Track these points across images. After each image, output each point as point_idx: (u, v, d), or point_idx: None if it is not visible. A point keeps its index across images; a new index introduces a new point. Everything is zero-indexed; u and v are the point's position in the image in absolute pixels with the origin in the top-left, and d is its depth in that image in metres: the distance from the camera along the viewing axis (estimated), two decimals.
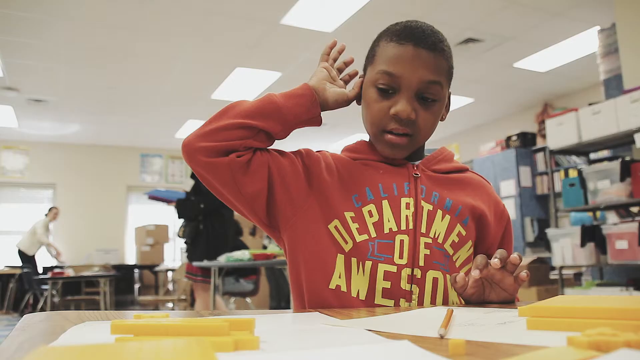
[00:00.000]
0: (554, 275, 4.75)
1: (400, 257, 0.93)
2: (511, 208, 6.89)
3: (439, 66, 0.95)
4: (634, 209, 4.12)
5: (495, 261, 0.80)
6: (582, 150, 4.20)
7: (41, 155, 8.99)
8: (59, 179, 9.07)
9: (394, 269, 0.92)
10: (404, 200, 0.96)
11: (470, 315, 0.69)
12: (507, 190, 6.96)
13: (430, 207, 0.97)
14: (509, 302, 0.86)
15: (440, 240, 0.96)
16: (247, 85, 6.48)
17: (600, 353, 0.37)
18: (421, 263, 0.93)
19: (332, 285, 0.94)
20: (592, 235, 3.70)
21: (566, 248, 3.89)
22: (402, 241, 0.93)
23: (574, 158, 6.32)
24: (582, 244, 3.72)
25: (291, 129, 0.97)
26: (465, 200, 1.00)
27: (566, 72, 6.34)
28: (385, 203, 0.96)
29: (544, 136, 7.10)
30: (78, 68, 5.82)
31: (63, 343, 0.53)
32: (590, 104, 3.89)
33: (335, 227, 0.96)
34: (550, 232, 4.09)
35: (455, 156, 1.12)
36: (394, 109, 0.94)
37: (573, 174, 3.95)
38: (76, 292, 7.87)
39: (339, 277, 0.94)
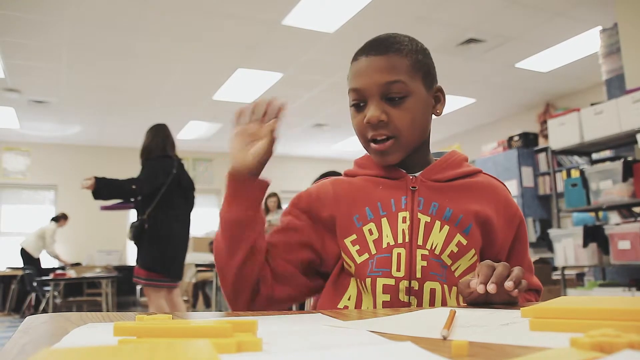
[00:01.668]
0: (556, 275, 4.75)
1: (398, 269, 0.95)
2: None
3: (394, 65, 0.97)
4: (637, 209, 4.11)
5: (490, 287, 0.77)
6: (584, 150, 4.19)
7: (43, 156, 9.00)
8: (61, 180, 9.09)
9: (392, 282, 0.95)
10: (400, 215, 0.98)
11: (472, 316, 0.69)
12: (509, 190, 6.95)
13: (428, 219, 0.97)
14: (511, 303, 0.86)
15: (437, 252, 0.96)
16: (249, 86, 6.49)
17: (603, 354, 0.37)
18: (418, 275, 0.94)
19: (341, 306, 1.00)
20: (594, 235, 3.69)
21: (568, 248, 3.88)
22: (399, 254, 0.95)
23: (576, 158, 6.32)
24: (585, 245, 3.71)
25: (257, 216, 0.98)
26: (467, 208, 0.99)
27: (568, 72, 6.33)
28: (384, 221, 0.99)
29: (546, 136, 7.09)
30: (79, 69, 5.83)
31: (66, 345, 0.53)
32: (592, 104, 3.88)
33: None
34: (552, 232, 4.09)
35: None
36: (366, 117, 0.98)
37: (575, 174, 3.95)
38: (78, 293, 7.88)
39: (348, 299, 1.00)
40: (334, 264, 1.03)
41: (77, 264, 8.37)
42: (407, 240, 0.96)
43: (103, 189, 3.70)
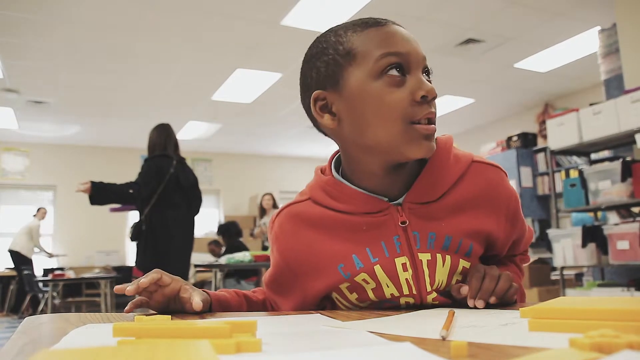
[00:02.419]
0: (555, 275, 4.75)
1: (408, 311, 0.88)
2: None
3: None
4: (635, 209, 4.12)
5: (478, 303, 0.78)
6: (583, 150, 4.19)
7: (41, 156, 8.99)
8: (60, 180, 9.07)
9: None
10: (398, 261, 0.84)
11: (472, 316, 0.69)
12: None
13: (429, 257, 0.84)
14: (508, 304, 0.86)
15: (442, 287, 0.87)
16: (248, 86, 6.49)
17: (602, 355, 0.37)
18: None
19: None
20: (593, 235, 3.69)
21: (567, 248, 3.88)
22: (407, 302, 0.87)
23: (574, 158, 6.32)
24: (583, 245, 3.71)
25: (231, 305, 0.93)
26: (466, 228, 0.86)
27: (567, 72, 6.34)
28: (377, 269, 0.84)
29: (544, 136, 7.10)
30: (78, 69, 5.82)
31: (65, 346, 0.53)
32: (591, 104, 3.88)
33: (336, 298, 0.91)
34: (551, 232, 4.09)
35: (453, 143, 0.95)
36: (423, 90, 0.78)
37: (574, 174, 3.95)
38: (77, 293, 7.87)
39: None
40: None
41: (63, 255, 8.37)
42: (414, 292, 0.85)
43: (98, 193, 3.68)
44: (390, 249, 0.84)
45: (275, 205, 7.07)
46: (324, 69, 0.85)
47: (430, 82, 0.81)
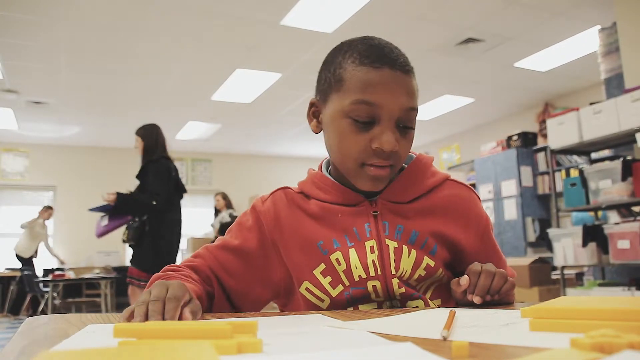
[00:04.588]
0: (555, 275, 4.75)
1: (377, 296, 0.92)
2: (512, 208, 6.89)
3: (414, 90, 0.89)
4: (636, 209, 4.11)
5: (476, 299, 0.82)
6: (583, 149, 4.19)
7: (41, 157, 8.99)
8: (59, 181, 9.08)
9: (374, 305, 0.92)
10: (367, 244, 0.92)
11: (473, 316, 0.69)
12: (508, 190, 6.96)
13: (395, 244, 0.91)
14: (506, 303, 0.87)
15: (405, 277, 0.91)
16: (247, 86, 6.48)
17: (603, 355, 0.37)
18: (398, 298, 0.92)
19: None
20: (593, 235, 3.69)
21: (568, 248, 3.88)
22: (374, 287, 0.91)
23: (575, 158, 6.33)
24: (584, 244, 3.71)
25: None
26: (432, 229, 0.94)
27: (567, 71, 6.33)
28: (352, 251, 0.91)
29: (545, 136, 7.10)
30: (78, 70, 5.82)
31: (66, 347, 0.53)
32: (591, 104, 3.88)
33: (307, 288, 0.93)
34: (551, 232, 4.09)
35: (433, 160, 1.02)
36: (378, 142, 0.85)
37: (574, 173, 3.94)
38: (77, 294, 7.88)
39: None
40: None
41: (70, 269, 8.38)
42: (379, 272, 0.90)
43: (123, 205, 3.74)
44: (361, 233, 0.93)
45: (228, 205, 7.00)
46: (323, 82, 0.94)
47: (407, 134, 0.89)
